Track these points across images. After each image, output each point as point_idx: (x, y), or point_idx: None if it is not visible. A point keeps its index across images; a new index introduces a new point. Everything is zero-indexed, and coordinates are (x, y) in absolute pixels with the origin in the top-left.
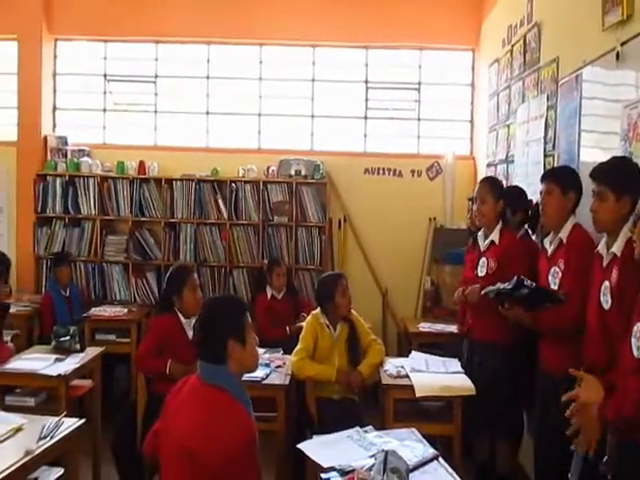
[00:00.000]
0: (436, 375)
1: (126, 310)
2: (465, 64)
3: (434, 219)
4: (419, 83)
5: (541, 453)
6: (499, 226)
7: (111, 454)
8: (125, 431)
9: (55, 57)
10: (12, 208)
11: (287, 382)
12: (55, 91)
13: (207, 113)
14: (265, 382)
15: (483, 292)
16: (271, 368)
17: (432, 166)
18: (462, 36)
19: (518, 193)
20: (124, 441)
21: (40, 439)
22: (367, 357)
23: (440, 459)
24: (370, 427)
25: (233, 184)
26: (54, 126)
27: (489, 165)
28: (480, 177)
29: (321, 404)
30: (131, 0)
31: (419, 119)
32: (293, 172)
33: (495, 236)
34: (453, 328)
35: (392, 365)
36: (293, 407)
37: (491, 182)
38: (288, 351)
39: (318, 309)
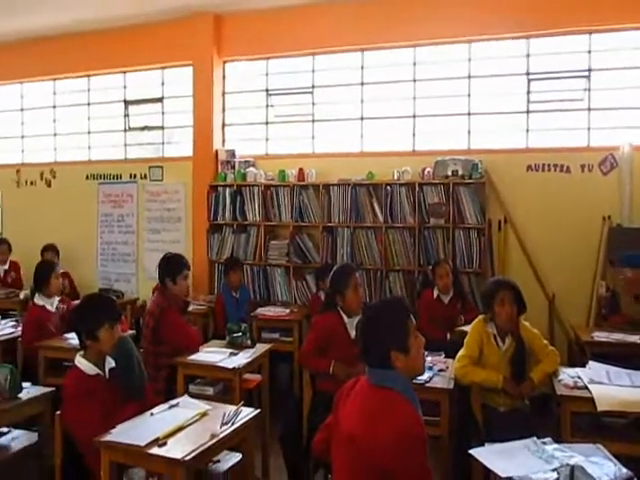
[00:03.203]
0: (620, 388)
1: (288, 310)
2: None
3: (608, 218)
4: (589, 70)
5: None
6: None
7: (279, 446)
8: (292, 425)
9: (224, 78)
10: (189, 217)
11: (451, 386)
12: (224, 109)
13: (361, 118)
14: (428, 385)
15: None
16: (434, 371)
17: (605, 159)
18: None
19: None
20: (291, 435)
21: (223, 425)
22: (540, 364)
23: None
24: (549, 439)
25: (388, 187)
26: (223, 141)
27: None
28: None
29: (488, 412)
30: (288, 18)
31: (589, 109)
32: (450, 172)
33: None
34: (635, 338)
35: (567, 375)
36: (457, 412)
37: None
38: (450, 354)
39: (483, 316)
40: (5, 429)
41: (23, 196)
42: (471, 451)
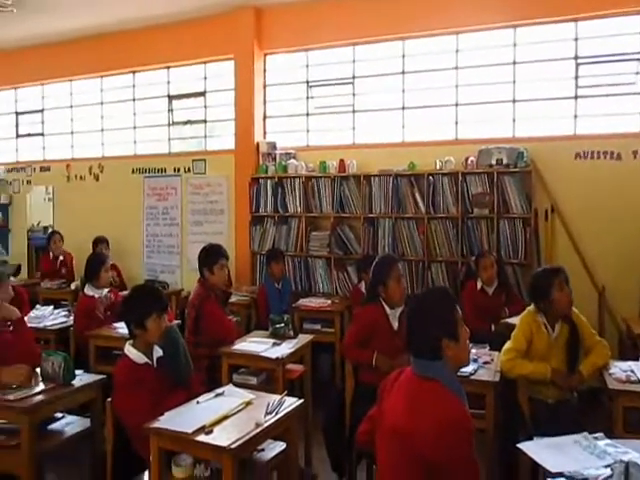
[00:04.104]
0: None
1: (329, 301)
2: None
3: None
4: None
5: None
6: None
7: (322, 436)
8: (334, 416)
9: (265, 70)
10: (231, 209)
11: (497, 379)
12: (265, 101)
13: (403, 108)
14: (473, 377)
15: None
16: (479, 364)
17: None
18: None
19: None
20: (334, 425)
21: (267, 414)
22: (590, 356)
23: None
24: (601, 434)
25: (430, 177)
26: (264, 133)
27: None
28: None
29: (535, 404)
30: (328, 9)
31: None
32: (494, 161)
33: None
34: None
35: (619, 369)
36: (503, 406)
37: None
38: (495, 347)
39: (532, 306)
40: (59, 414)
41: (73, 190)
42: (519, 445)
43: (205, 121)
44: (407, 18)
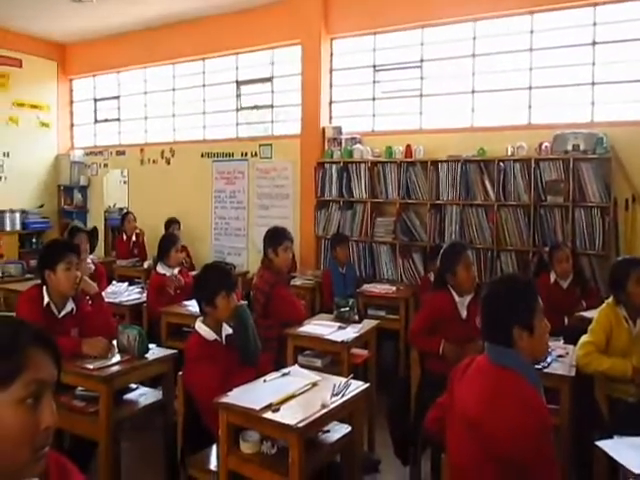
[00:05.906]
0: None
1: (394, 288)
2: None
3: None
4: None
5: None
6: None
7: (385, 422)
8: (399, 403)
9: (331, 55)
10: (297, 193)
11: (572, 374)
12: (331, 86)
13: (473, 92)
14: (547, 371)
15: None
16: (552, 357)
17: None
18: None
19: None
20: (399, 412)
21: (333, 395)
22: None
23: None
24: None
25: (501, 163)
26: (330, 118)
27: None
28: None
29: (612, 403)
30: None
31: None
32: (570, 147)
33: None
34: None
35: None
36: (577, 402)
37: None
38: (569, 341)
39: (611, 298)
40: (134, 385)
41: (146, 173)
42: (598, 443)
43: (272, 106)
44: None
